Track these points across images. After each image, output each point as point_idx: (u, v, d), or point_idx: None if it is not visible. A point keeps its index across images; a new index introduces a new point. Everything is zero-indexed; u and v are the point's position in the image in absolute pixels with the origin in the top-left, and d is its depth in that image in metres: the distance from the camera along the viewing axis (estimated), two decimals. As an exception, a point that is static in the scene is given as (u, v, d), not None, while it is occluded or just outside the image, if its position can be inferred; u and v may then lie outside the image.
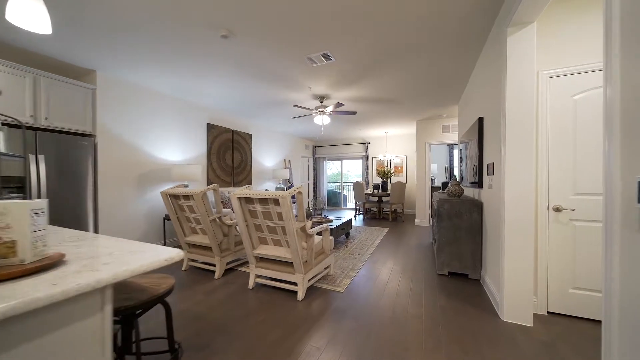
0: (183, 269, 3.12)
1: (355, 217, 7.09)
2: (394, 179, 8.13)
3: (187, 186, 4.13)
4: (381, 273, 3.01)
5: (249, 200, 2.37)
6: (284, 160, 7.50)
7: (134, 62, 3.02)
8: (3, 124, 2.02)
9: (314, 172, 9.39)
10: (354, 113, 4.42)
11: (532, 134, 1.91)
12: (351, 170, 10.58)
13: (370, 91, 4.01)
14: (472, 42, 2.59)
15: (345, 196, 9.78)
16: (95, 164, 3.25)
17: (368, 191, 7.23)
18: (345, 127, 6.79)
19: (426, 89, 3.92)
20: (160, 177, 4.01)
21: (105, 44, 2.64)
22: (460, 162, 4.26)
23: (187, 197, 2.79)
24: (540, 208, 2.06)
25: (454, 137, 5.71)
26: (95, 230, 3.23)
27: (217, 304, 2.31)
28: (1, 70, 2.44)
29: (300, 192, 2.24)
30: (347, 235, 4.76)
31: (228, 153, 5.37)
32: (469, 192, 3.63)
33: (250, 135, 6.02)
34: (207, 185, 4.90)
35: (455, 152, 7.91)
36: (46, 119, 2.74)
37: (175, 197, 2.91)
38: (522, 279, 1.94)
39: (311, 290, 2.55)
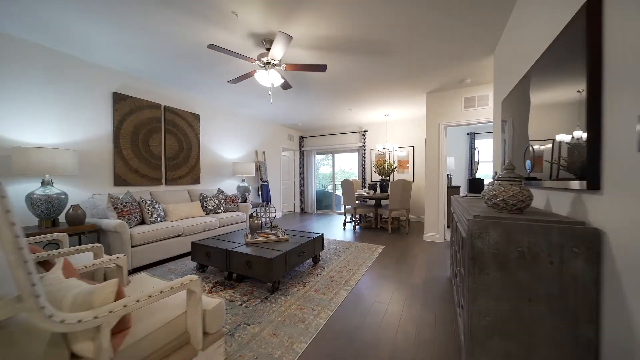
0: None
1: (344, 226, 5.39)
2: (397, 176, 6.37)
3: (56, 182, 2.60)
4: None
5: None
6: (256, 152, 5.91)
7: None
8: None
9: (300, 167, 7.75)
10: (322, 68, 2.77)
11: None
12: (353, 168, 8.87)
13: (346, 28, 2.34)
14: None
15: (338, 197, 8.09)
16: None
17: (362, 192, 5.53)
18: (333, 106, 5.12)
19: (440, 20, 2.20)
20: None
21: None
22: (504, 150, 2.54)
23: None
24: None
25: (483, 114, 3.92)
26: None
27: None
28: None
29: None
30: (316, 259, 3.11)
31: (155, 137, 3.82)
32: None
33: (197, 116, 4.45)
34: (114, 182, 3.37)
35: (479, 143, 6.06)
36: None
37: None
38: None
39: None
